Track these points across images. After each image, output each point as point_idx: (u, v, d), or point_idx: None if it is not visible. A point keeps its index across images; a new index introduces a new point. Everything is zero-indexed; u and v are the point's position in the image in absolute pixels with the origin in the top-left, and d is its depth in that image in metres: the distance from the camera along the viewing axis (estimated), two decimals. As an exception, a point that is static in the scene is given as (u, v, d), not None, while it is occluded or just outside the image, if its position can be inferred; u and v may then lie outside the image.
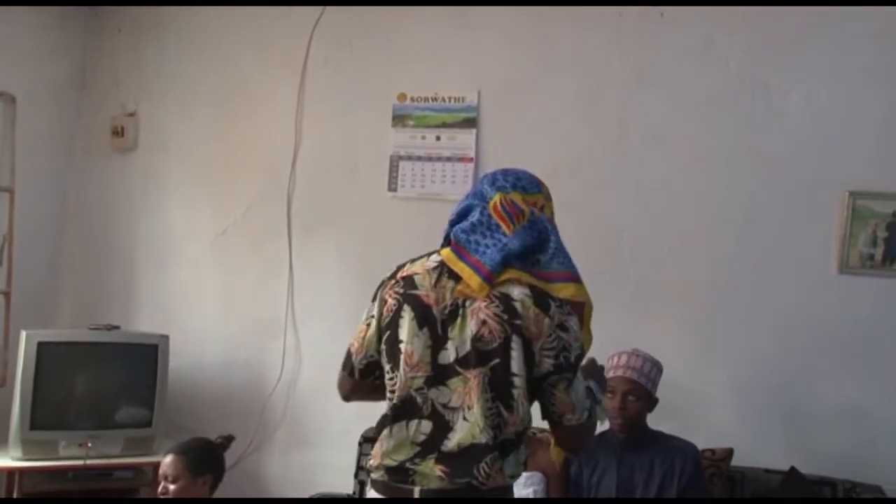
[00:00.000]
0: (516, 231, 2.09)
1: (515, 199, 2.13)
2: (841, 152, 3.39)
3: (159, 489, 2.86)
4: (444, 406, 2.01)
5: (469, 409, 1.99)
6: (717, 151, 3.54)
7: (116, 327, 3.86)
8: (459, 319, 2.03)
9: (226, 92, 4.18)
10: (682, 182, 3.57)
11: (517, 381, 1.98)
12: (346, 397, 2.29)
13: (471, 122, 3.79)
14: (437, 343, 2.04)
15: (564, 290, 2.04)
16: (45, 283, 4.19)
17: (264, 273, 4.05)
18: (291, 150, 4.04)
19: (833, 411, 3.37)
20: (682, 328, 3.53)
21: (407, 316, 2.07)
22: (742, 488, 3.23)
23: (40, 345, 3.52)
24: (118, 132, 4.26)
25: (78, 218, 4.34)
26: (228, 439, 3.15)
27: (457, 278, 2.06)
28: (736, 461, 3.23)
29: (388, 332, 2.10)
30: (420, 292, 2.08)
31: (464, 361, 2.01)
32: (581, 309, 2.07)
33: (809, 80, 3.38)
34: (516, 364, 1.98)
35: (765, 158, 3.48)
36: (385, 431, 2.05)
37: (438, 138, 3.85)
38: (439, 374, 2.02)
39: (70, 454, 3.54)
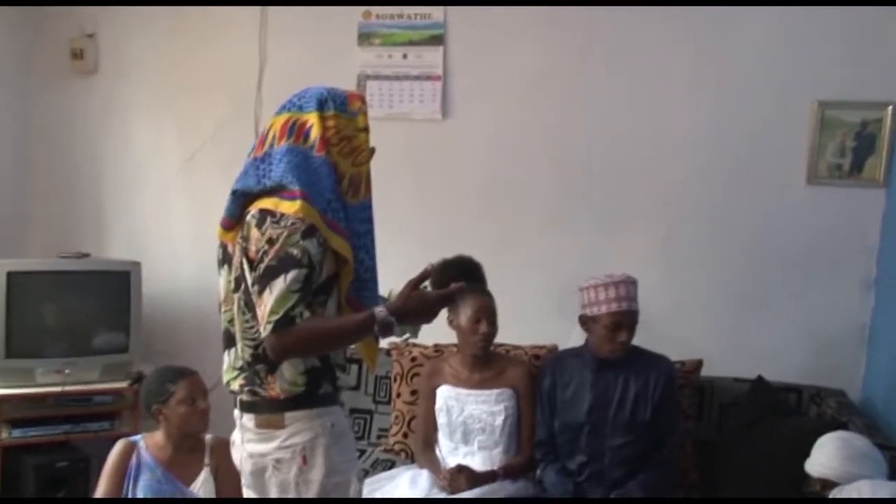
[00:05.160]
0: (245, 170, 2.13)
1: (275, 125, 2.13)
2: (809, 62, 3.39)
3: (200, 406, 2.87)
4: None
5: (237, 331, 2.13)
6: (683, 65, 3.53)
7: (87, 255, 3.84)
8: None
9: (186, 11, 4.06)
10: (649, 98, 3.57)
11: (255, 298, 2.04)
12: None
13: (437, 40, 3.74)
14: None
15: (289, 206, 2.01)
16: (11, 212, 4.13)
17: (235, 197, 4.00)
18: (257, 72, 3.97)
19: (799, 320, 3.45)
20: (652, 244, 3.57)
21: (218, 256, 2.22)
22: (711, 397, 3.32)
23: (10, 274, 3.49)
24: (77, 54, 4.15)
25: (41, 145, 4.25)
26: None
27: None
28: (706, 372, 3.31)
29: None
30: None
31: (234, 289, 2.13)
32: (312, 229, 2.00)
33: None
34: (251, 283, 2.05)
35: (732, 70, 3.49)
36: None
37: (405, 56, 3.79)
38: None
39: (48, 381, 3.56)
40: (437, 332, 3.27)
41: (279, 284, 1.95)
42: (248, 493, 2.26)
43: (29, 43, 4.22)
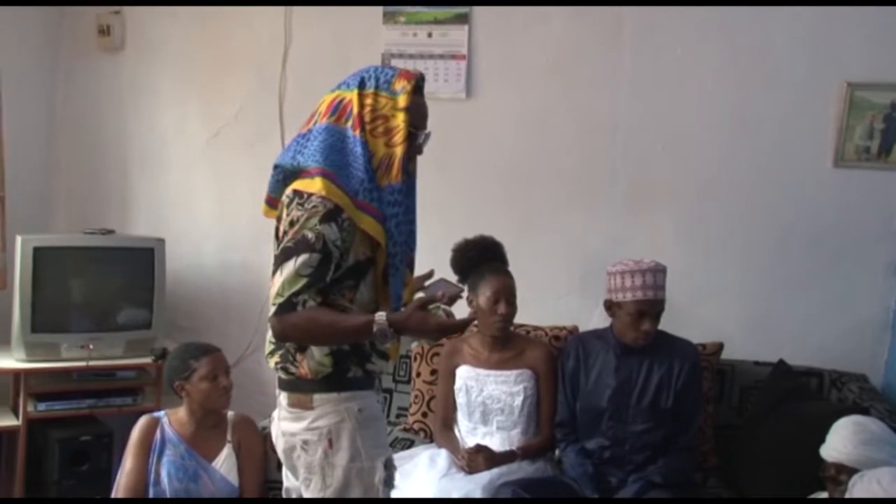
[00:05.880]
0: (289, 146, 2.16)
1: (324, 102, 2.14)
2: (838, 42, 3.34)
3: (222, 383, 2.92)
4: None
5: None
6: (711, 45, 3.50)
7: (111, 231, 3.87)
8: None
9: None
10: (675, 77, 3.54)
11: None
12: None
13: (463, 19, 3.72)
14: None
15: (312, 185, 2.02)
16: (38, 188, 4.17)
17: (258, 174, 3.95)
18: (282, 49, 3.96)
19: (823, 303, 3.43)
20: (676, 225, 3.56)
21: None
22: (732, 381, 3.31)
23: (36, 249, 3.53)
24: (104, 31, 4.16)
25: (69, 121, 4.28)
26: None
27: None
28: (726, 355, 3.30)
29: None
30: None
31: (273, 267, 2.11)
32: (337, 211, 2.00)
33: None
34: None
35: (761, 51, 3.44)
36: None
37: (430, 35, 3.78)
38: None
39: (72, 356, 3.60)
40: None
41: (289, 267, 1.97)
42: (284, 469, 2.29)
43: (56, 19, 4.24)
